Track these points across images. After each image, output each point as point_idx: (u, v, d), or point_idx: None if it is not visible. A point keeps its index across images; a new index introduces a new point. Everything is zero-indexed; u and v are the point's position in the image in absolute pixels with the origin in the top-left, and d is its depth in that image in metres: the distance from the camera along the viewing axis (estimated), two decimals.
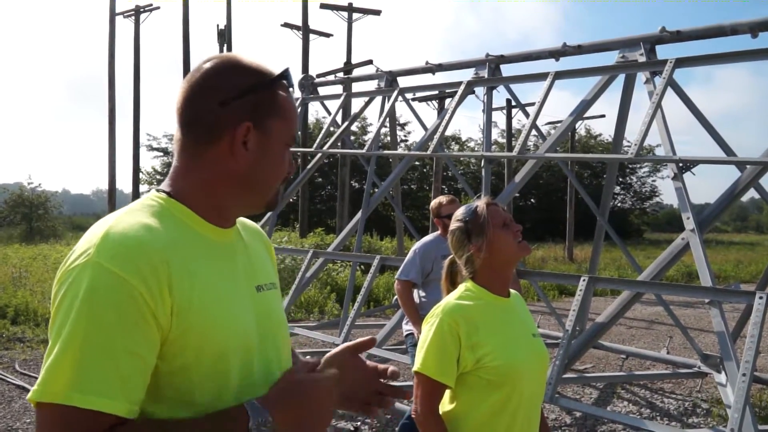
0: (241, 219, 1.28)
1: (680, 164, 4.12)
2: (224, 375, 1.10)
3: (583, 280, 3.85)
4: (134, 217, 1.08)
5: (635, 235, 38.94)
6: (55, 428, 0.96)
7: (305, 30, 22.08)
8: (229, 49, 24.21)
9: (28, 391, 5.59)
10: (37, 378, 4.02)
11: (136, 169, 24.45)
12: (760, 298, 3.13)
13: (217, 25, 25.19)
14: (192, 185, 1.16)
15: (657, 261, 4.04)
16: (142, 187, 33.52)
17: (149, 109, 45.72)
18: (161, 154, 38.01)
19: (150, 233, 1.05)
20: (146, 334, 1.00)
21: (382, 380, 1.29)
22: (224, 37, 24.66)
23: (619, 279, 4.76)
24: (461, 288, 1.94)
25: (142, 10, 24.31)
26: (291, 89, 1.23)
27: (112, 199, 22.62)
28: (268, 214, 6.81)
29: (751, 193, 4.91)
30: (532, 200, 38.66)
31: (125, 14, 24.19)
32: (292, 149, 1.26)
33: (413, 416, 1.88)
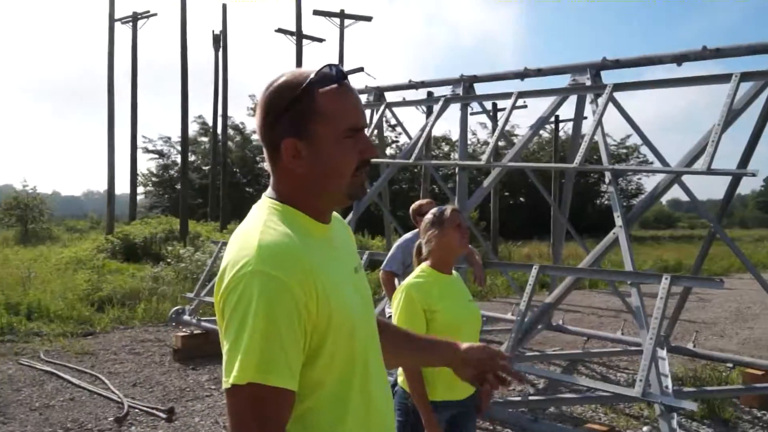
0: None
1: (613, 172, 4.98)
2: (353, 347, 1.29)
3: (535, 268, 4.70)
4: (274, 226, 1.26)
5: None
6: (251, 404, 1.14)
7: (299, 35, 22.56)
8: (225, 54, 24.81)
9: (56, 376, 6.33)
10: (62, 364, 5.09)
11: (134, 172, 24.93)
12: (666, 278, 3.99)
13: (213, 31, 25.81)
14: (288, 191, 1.33)
15: (593, 251, 4.90)
16: (139, 189, 34.14)
17: (145, 111, 45.84)
18: (157, 156, 38.33)
19: (291, 240, 1.23)
20: (302, 324, 1.19)
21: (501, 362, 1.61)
22: (219, 42, 25.30)
23: (564, 267, 5.58)
24: (417, 270, 2.78)
25: (139, 16, 24.84)
26: (336, 83, 1.28)
27: (111, 202, 23.01)
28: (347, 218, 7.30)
29: (737, 190, 5.68)
30: (521, 199, 39.45)
31: (123, 20, 24.64)
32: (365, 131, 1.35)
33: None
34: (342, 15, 24.38)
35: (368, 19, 25.14)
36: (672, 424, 3.63)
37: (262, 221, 1.27)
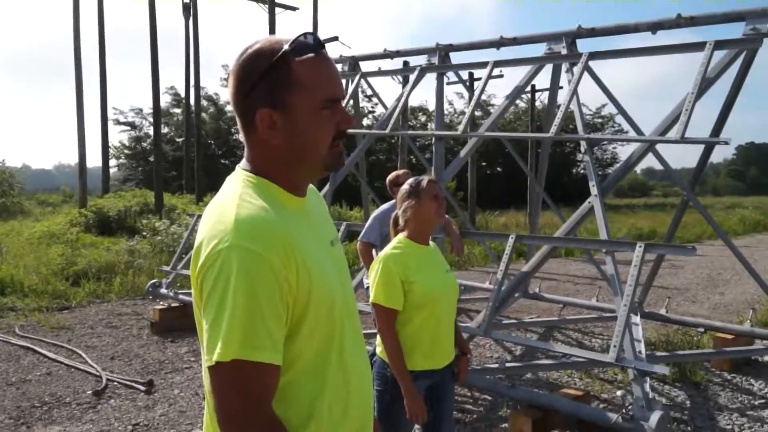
0: None
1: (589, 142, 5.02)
2: (332, 321, 1.28)
3: (512, 238, 4.74)
4: (250, 199, 1.22)
5: None
6: (236, 380, 1.12)
7: (271, 3, 22.03)
8: (195, 22, 24.27)
9: (32, 350, 6.28)
10: (38, 339, 5.04)
11: (105, 145, 24.35)
12: (640, 246, 4.05)
13: None
14: (263, 163, 1.29)
15: (569, 220, 4.95)
16: (112, 161, 33.55)
17: (116, 82, 44.83)
18: (128, 128, 37.59)
19: (268, 213, 1.20)
20: (283, 298, 1.17)
21: None
22: (189, 10, 24.67)
23: (540, 236, 5.64)
24: (395, 241, 2.78)
25: None
26: (313, 52, 1.24)
27: (83, 175, 22.59)
28: (324, 189, 7.24)
29: (711, 158, 5.71)
30: (498, 169, 39.63)
31: None
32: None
33: (378, 332, 2.70)
34: None
35: None
36: (645, 388, 3.72)
37: (238, 194, 1.24)
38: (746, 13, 4.65)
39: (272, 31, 22.02)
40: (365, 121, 30.65)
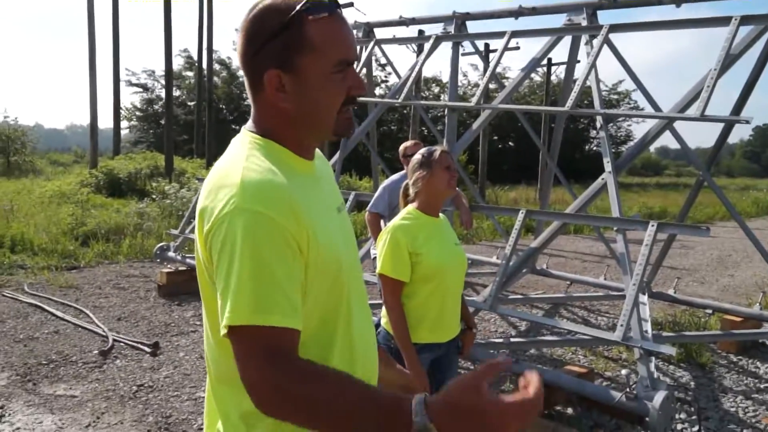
0: None
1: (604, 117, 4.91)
2: (339, 288, 1.24)
3: (522, 213, 4.67)
4: (257, 162, 1.18)
5: None
6: (252, 344, 1.07)
7: None
8: None
9: (41, 308, 6.34)
10: (46, 297, 5.06)
11: (117, 106, 24.29)
12: (652, 225, 3.98)
13: None
14: (271, 125, 1.25)
15: (581, 197, 4.87)
16: (123, 123, 33.55)
17: (128, 44, 44.63)
18: (140, 90, 37.42)
19: (276, 176, 1.15)
20: (297, 261, 1.13)
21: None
22: None
23: (550, 212, 5.57)
24: (404, 212, 2.73)
25: None
26: (327, 11, 1.18)
27: (95, 136, 22.62)
28: (334, 158, 7.25)
29: (728, 139, 5.56)
30: (510, 143, 39.33)
31: None
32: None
33: (383, 303, 2.67)
34: None
35: None
36: (650, 368, 3.69)
37: (244, 156, 1.19)
38: None
39: None
40: (378, 91, 30.38)
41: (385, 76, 33.52)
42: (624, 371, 4.03)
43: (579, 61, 6.91)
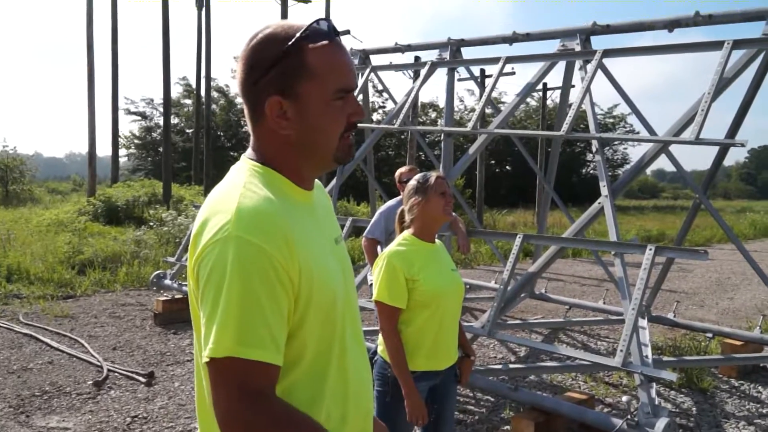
0: None
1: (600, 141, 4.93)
2: (333, 321, 1.23)
3: (519, 237, 4.65)
4: (254, 189, 1.17)
5: None
6: (228, 377, 1.06)
7: None
8: (208, 13, 24.25)
9: (35, 339, 6.27)
10: (41, 327, 4.98)
11: (115, 134, 24.38)
12: (650, 249, 3.96)
13: None
14: (271, 153, 1.24)
15: (578, 221, 4.86)
16: (121, 152, 33.65)
17: (127, 72, 45.11)
18: (139, 118, 37.69)
19: (273, 205, 1.14)
20: (286, 294, 1.11)
21: None
22: (202, 1, 24.66)
23: (548, 236, 5.55)
24: (400, 238, 2.71)
25: None
26: (327, 39, 1.19)
27: (93, 164, 22.65)
28: (331, 184, 7.29)
29: (724, 161, 5.63)
30: (507, 167, 39.50)
31: None
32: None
33: (380, 331, 2.64)
34: None
35: None
36: (651, 394, 3.65)
37: (242, 183, 1.18)
38: (766, 12, 4.54)
39: None
40: (375, 116, 30.55)
41: (383, 102, 33.79)
42: (625, 398, 3.98)
43: (574, 86, 6.96)
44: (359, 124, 1.31)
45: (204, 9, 24.31)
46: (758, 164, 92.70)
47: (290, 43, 1.16)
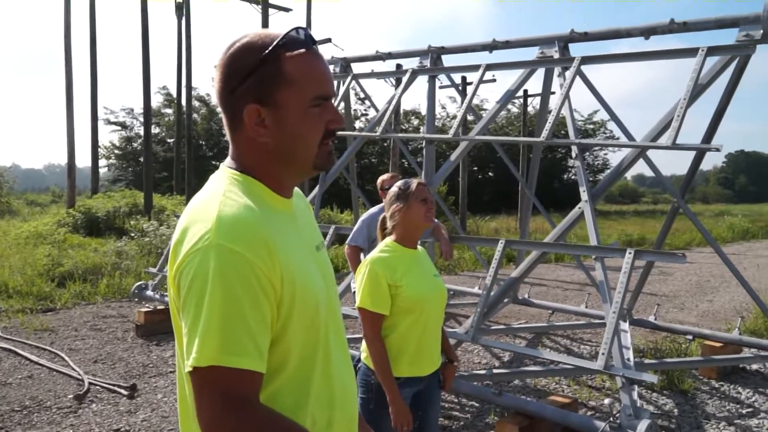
0: None
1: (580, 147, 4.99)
2: (317, 328, 1.23)
3: (501, 243, 4.69)
4: (234, 197, 1.17)
5: None
6: (212, 386, 1.06)
7: (264, 4, 22.00)
8: (188, 22, 24.16)
9: (14, 353, 6.17)
10: (20, 341, 4.90)
11: (95, 144, 24.12)
12: (630, 253, 4.02)
13: None
14: (250, 161, 1.25)
15: (559, 226, 4.91)
16: (101, 162, 33.33)
17: (106, 82, 44.70)
18: (119, 128, 37.33)
19: (253, 213, 1.15)
20: (268, 301, 1.11)
21: None
22: (182, 10, 24.55)
23: (529, 242, 5.59)
24: (382, 244, 2.72)
25: None
26: (304, 47, 1.20)
27: (72, 174, 22.40)
28: (314, 192, 7.28)
29: (701, 165, 5.75)
30: (490, 174, 39.72)
31: None
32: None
33: (363, 338, 2.64)
34: None
35: None
36: (633, 396, 3.68)
37: (222, 192, 1.19)
38: (739, 19, 4.63)
39: None
40: (358, 124, 30.59)
41: (365, 110, 33.85)
42: (607, 400, 4.02)
43: (554, 93, 7.03)
44: (341, 132, 1.35)
45: (184, 18, 24.23)
46: (735, 169, 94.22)
47: (267, 51, 1.17)
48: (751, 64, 4.91)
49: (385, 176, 5.14)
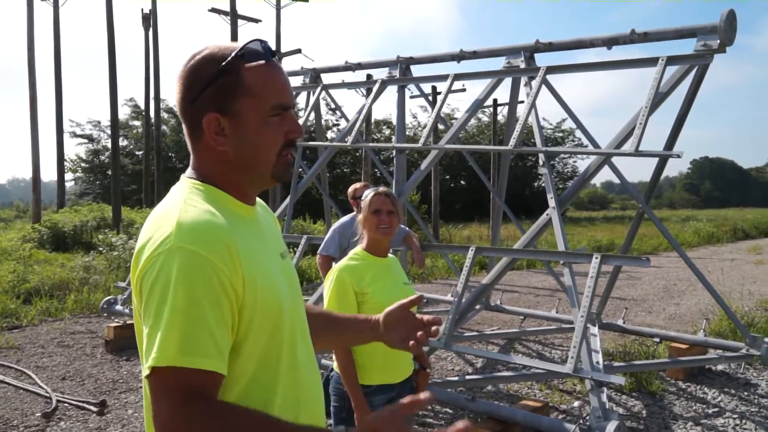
0: None
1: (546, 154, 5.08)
2: (281, 333, 1.23)
3: (471, 250, 4.75)
4: (194, 204, 1.18)
5: None
6: (171, 387, 1.06)
7: (233, 15, 21.91)
8: (155, 33, 23.96)
9: None
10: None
11: (61, 158, 23.69)
12: (596, 258, 4.11)
13: (142, 9, 24.90)
14: (210, 170, 1.26)
15: (528, 233, 5.00)
16: (68, 176, 32.72)
17: (72, 95, 43.97)
18: (85, 141, 36.76)
19: (214, 217, 1.16)
20: (229, 303, 1.12)
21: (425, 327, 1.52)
22: (149, 21, 24.36)
23: (499, 248, 5.67)
24: (351, 252, 2.75)
25: None
26: (263, 59, 1.23)
27: (37, 189, 21.97)
28: (285, 202, 7.26)
29: (666, 172, 5.91)
30: (462, 182, 40.01)
31: None
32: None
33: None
34: None
35: None
36: (602, 398, 3.75)
37: (182, 199, 1.20)
38: (697, 29, 4.78)
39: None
40: (329, 134, 30.61)
41: (337, 120, 33.88)
42: (577, 403, 4.08)
43: (522, 102, 7.14)
44: (312, 143, 1.37)
45: (152, 29, 24.03)
46: (700, 175, 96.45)
47: (226, 61, 1.20)
48: (714, 73, 5.06)
49: (356, 185, 5.18)
